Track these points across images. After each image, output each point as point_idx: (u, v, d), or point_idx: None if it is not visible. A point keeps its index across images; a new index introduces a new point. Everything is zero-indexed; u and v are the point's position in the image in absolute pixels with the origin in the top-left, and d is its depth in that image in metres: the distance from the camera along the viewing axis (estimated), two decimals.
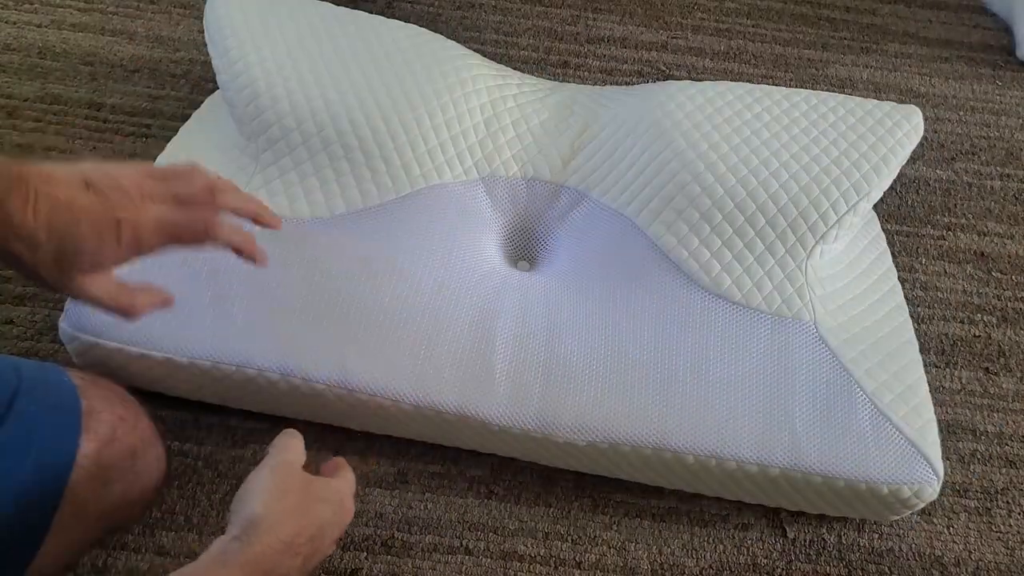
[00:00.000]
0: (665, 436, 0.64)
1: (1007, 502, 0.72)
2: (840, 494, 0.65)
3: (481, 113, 0.77)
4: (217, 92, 0.84)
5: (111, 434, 0.57)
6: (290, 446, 0.54)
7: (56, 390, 0.56)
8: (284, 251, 0.69)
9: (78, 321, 0.64)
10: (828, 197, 0.73)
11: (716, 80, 0.89)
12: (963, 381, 0.80)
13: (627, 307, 0.70)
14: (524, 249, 0.78)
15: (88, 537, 0.58)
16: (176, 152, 0.78)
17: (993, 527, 0.71)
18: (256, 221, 0.57)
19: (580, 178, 0.77)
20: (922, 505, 0.66)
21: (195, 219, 0.52)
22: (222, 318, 0.65)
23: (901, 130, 0.78)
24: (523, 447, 0.67)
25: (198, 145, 0.78)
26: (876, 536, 0.69)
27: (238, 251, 0.55)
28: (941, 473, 0.65)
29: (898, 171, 0.77)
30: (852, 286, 0.75)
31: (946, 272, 0.89)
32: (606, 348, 0.68)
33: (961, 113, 1.07)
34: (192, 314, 0.65)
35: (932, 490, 0.65)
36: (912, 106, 0.82)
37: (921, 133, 0.80)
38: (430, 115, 0.74)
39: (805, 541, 0.69)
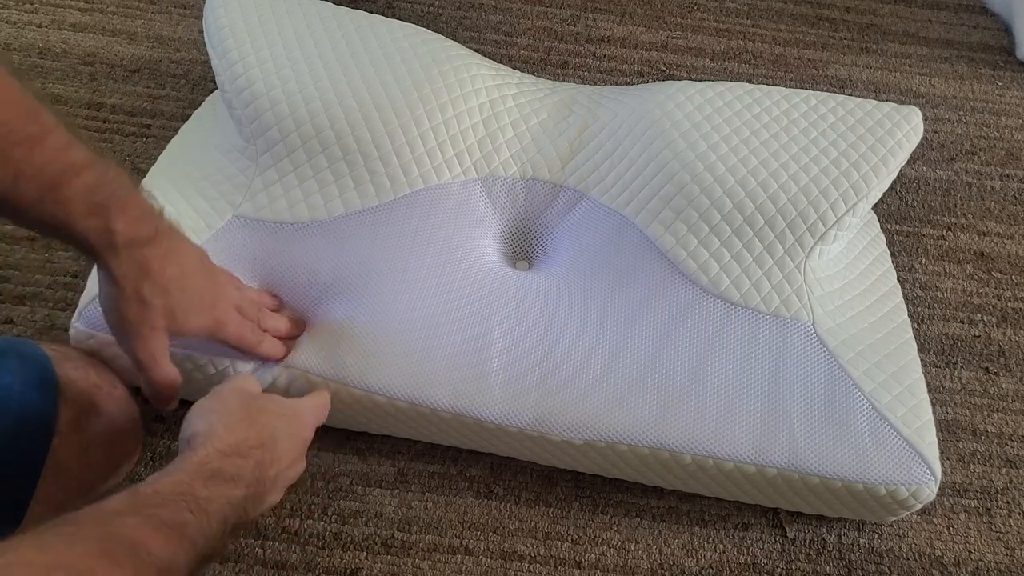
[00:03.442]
0: (662, 436, 0.64)
1: (1007, 502, 0.72)
2: (837, 495, 0.65)
3: (480, 113, 0.77)
4: (217, 91, 0.84)
5: (88, 401, 0.58)
6: (244, 379, 0.56)
7: (30, 361, 0.57)
8: (283, 252, 0.69)
9: (95, 320, 0.64)
10: (827, 198, 0.73)
11: (716, 80, 0.89)
12: (963, 381, 0.80)
13: (625, 307, 0.70)
14: (523, 249, 0.78)
15: (72, 501, 0.59)
16: (176, 152, 0.78)
17: (993, 527, 0.71)
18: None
19: (579, 178, 0.77)
20: (920, 506, 0.66)
21: (247, 338, 0.61)
22: None
23: (901, 131, 0.78)
24: (520, 446, 0.67)
25: (198, 145, 0.78)
26: (876, 536, 0.69)
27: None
28: (939, 474, 0.65)
29: (897, 172, 0.77)
30: (851, 286, 0.75)
31: (946, 272, 0.89)
32: (603, 347, 0.68)
33: (961, 113, 1.07)
34: None
35: (930, 491, 0.65)
36: (912, 107, 0.81)
37: (921, 134, 0.79)
38: (429, 116, 0.74)
39: (805, 541, 0.69)
